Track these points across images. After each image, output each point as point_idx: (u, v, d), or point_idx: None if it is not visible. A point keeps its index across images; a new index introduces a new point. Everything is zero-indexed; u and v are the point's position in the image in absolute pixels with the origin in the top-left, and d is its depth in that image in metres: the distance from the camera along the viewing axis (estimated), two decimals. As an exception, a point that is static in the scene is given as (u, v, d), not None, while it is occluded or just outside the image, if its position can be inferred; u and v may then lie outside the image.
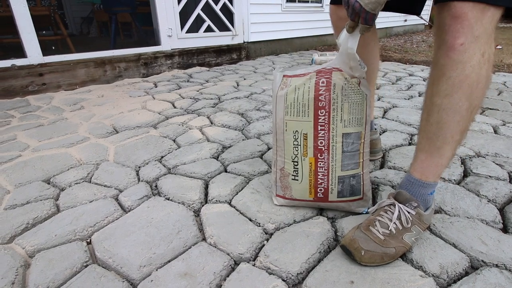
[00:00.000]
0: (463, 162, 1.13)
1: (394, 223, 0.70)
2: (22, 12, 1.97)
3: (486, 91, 0.65)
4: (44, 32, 2.56)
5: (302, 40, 4.01)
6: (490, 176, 1.03)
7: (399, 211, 0.71)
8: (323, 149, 0.78)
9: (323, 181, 0.80)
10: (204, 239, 0.78)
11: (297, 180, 0.82)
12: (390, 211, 0.72)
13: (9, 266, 0.69)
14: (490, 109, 1.73)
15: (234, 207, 0.90)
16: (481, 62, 0.61)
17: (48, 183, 1.06)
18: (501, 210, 0.88)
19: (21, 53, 2.05)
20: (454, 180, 1.02)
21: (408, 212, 0.71)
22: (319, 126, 0.76)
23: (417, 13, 0.89)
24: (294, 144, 0.79)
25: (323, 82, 0.74)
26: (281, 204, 0.88)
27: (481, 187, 0.97)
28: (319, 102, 0.75)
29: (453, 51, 0.61)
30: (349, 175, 0.79)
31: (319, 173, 0.79)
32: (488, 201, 0.91)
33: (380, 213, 0.73)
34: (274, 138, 0.84)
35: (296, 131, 0.78)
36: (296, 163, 0.81)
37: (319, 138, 0.77)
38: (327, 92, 0.74)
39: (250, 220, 0.84)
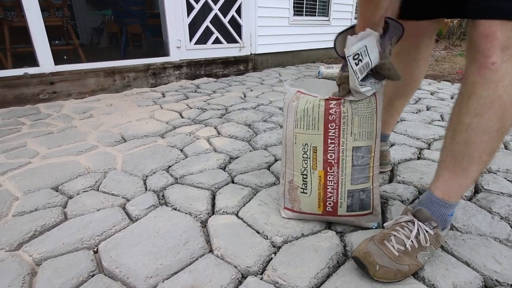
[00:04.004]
0: (473, 177, 1.12)
1: (411, 240, 0.68)
2: (37, 23, 2.03)
3: None
4: (57, 42, 2.62)
5: (309, 53, 4.05)
6: (502, 193, 1.01)
7: (418, 229, 0.69)
8: (333, 163, 0.77)
9: (332, 194, 0.79)
10: (211, 250, 0.77)
11: (306, 193, 0.81)
12: (408, 227, 0.70)
13: (16, 274, 0.69)
14: (499, 124, 1.71)
15: (242, 219, 0.89)
16: None
17: (57, 191, 1.06)
18: (515, 228, 0.86)
19: (34, 62, 2.10)
20: (465, 196, 1.00)
21: (427, 231, 0.69)
22: (329, 139, 0.76)
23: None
24: (303, 157, 0.79)
25: (332, 100, 0.75)
26: (289, 217, 0.87)
27: (493, 204, 0.95)
28: (330, 116, 0.75)
29: (485, 70, 0.60)
30: (359, 189, 0.79)
31: (328, 187, 0.79)
32: (501, 219, 0.89)
33: (397, 228, 0.71)
34: (283, 150, 0.84)
35: (306, 144, 0.78)
36: (305, 176, 0.80)
37: (329, 151, 0.77)
38: (337, 106, 0.74)
39: (258, 232, 0.83)
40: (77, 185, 1.08)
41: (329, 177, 0.78)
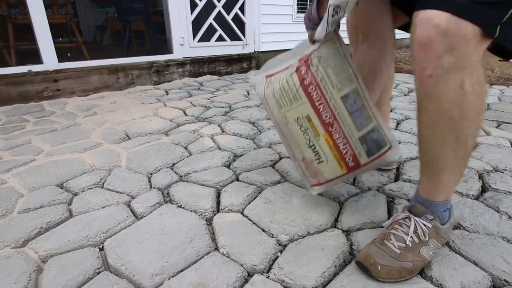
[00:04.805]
0: (480, 176, 1.11)
1: (411, 236, 0.68)
2: (41, 20, 2.03)
3: (478, 118, 0.59)
4: (60, 39, 2.63)
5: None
6: (509, 192, 1.00)
7: (415, 224, 0.69)
8: (331, 121, 0.76)
9: (347, 149, 0.78)
10: (216, 248, 0.77)
11: (323, 161, 0.80)
12: (405, 224, 0.70)
13: (22, 271, 0.69)
14: (506, 123, 1.69)
15: (247, 217, 0.89)
16: (461, 95, 0.54)
17: (62, 188, 1.06)
18: (523, 228, 0.85)
19: (37, 59, 2.10)
20: (472, 195, 0.99)
21: (424, 225, 0.69)
22: (316, 102, 0.74)
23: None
24: (302, 131, 0.78)
25: (302, 65, 0.73)
26: (320, 192, 0.86)
27: (500, 203, 0.94)
28: (304, 80, 0.73)
29: (423, 84, 0.55)
30: (368, 131, 0.78)
31: (339, 145, 0.78)
32: (509, 218, 0.88)
33: (395, 226, 0.71)
34: (281, 137, 0.83)
35: (298, 117, 0.76)
36: (313, 147, 0.79)
37: (321, 113, 0.75)
38: (307, 69, 0.73)
39: (263, 230, 0.83)
40: (82, 182, 1.08)
41: (335, 136, 0.77)
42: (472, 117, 0.57)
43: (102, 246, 0.78)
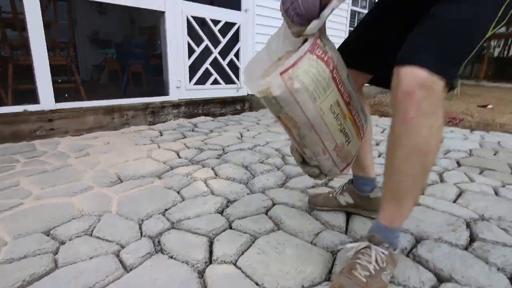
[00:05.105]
0: (468, 225, 1.13)
1: (373, 265, 0.76)
2: (42, 63, 2.10)
3: (435, 157, 0.74)
4: (59, 80, 2.70)
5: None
6: (497, 242, 1.02)
7: (375, 253, 0.78)
8: (349, 100, 0.79)
9: (360, 121, 0.85)
10: (208, 305, 0.75)
11: (351, 140, 0.83)
12: (367, 253, 0.79)
13: (0, 332, 0.65)
14: (488, 169, 1.77)
15: (240, 268, 0.87)
16: (430, 135, 0.69)
17: (48, 235, 1.03)
18: (511, 280, 0.86)
19: (34, 99, 2.13)
20: (462, 245, 1.00)
21: (383, 253, 0.78)
22: (338, 85, 0.75)
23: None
24: (336, 118, 0.76)
25: (319, 51, 0.71)
26: (350, 172, 0.91)
27: (489, 254, 0.96)
28: (329, 66, 0.72)
29: (405, 124, 0.69)
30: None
31: (356, 120, 0.83)
32: (498, 270, 0.89)
33: (358, 256, 0.79)
34: (310, 139, 0.77)
35: (331, 105, 0.74)
36: (344, 130, 0.80)
37: (343, 94, 0.77)
38: (326, 55, 0.72)
39: (257, 284, 0.81)
40: (70, 229, 1.05)
41: (353, 112, 0.81)
42: (434, 154, 0.72)
43: (88, 302, 0.75)
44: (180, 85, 2.82)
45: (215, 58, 3.08)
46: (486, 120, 3.40)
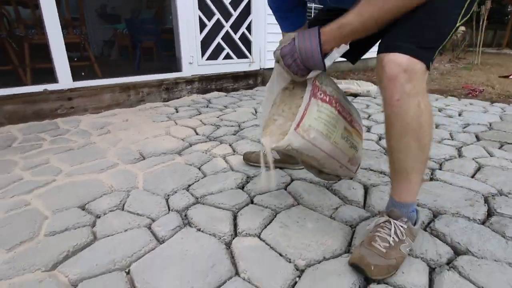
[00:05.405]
0: (486, 200, 1.15)
1: (392, 237, 0.81)
2: (57, 40, 2.11)
3: (431, 130, 0.78)
4: (75, 59, 2.71)
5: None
6: (514, 216, 1.04)
7: (394, 226, 0.82)
8: (350, 117, 0.92)
9: (358, 125, 0.97)
10: (237, 273, 0.81)
11: (358, 148, 0.95)
12: (386, 227, 0.83)
13: (56, 295, 0.73)
14: (509, 143, 1.74)
15: (264, 241, 0.93)
16: (418, 113, 0.74)
17: (84, 210, 1.11)
18: (529, 253, 0.89)
19: (53, 78, 2.17)
20: (479, 219, 1.03)
21: (401, 226, 0.83)
22: (342, 113, 0.88)
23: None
24: (346, 141, 0.89)
25: (320, 94, 0.84)
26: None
27: (506, 228, 0.98)
28: (332, 104, 0.85)
29: (392, 106, 0.74)
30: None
31: (357, 128, 0.95)
32: (515, 243, 0.92)
33: (378, 229, 0.84)
34: (329, 163, 0.91)
35: (341, 134, 0.87)
36: (353, 144, 0.92)
37: (346, 117, 0.90)
38: (327, 95, 0.85)
39: (281, 255, 0.87)
40: (103, 204, 1.13)
41: (355, 125, 0.93)
42: (427, 128, 0.77)
43: (129, 270, 0.82)
44: (192, 60, 2.80)
45: (227, 32, 3.01)
46: (508, 91, 3.28)
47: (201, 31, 2.80)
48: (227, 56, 3.07)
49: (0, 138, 1.82)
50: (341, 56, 1.02)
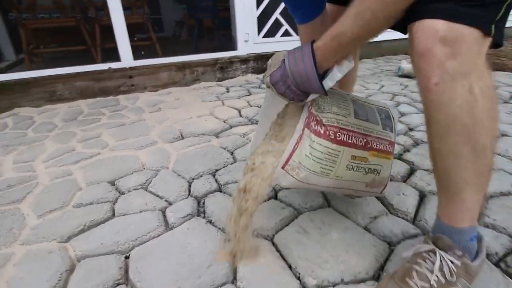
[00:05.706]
0: None
1: (436, 275, 0.58)
2: (119, 21, 2.23)
3: (493, 126, 0.54)
4: (135, 38, 2.87)
5: (391, 44, 3.58)
6: None
7: (441, 260, 0.59)
8: (366, 140, 0.73)
9: (384, 144, 0.80)
10: (233, 280, 0.71)
11: (381, 170, 0.78)
12: (429, 259, 0.60)
13: (56, 269, 0.75)
14: None
15: (276, 245, 0.80)
16: (472, 100, 0.51)
17: (113, 185, 1.14)
18: None
19: (116, 57, 2.32)
20: None
21: (452, 262, 0.59)
22: (348, 141, 0.70)
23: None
24: (356, 170, 0.72)
25: (315, 125, 0.67)
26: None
27: None
28: (331, 134, 0.68)
29: (430, 93, 0.52)
30: (379, 117, 0.83)
31: (379, 147, 0.78)
32: None
33: (418, 261, 0.61)
34: (340, 191, 0.83)
35: (347, 165, 0.71)
36: (370, 169, 0.75)
37: (356, 144, 0.71)
38: (323, 126, 0.67)
39: (290, 267, 0.73)
40: (130, 182, 1.14)
41: (374, 145, 0.75)
42: (486, 124, 0.53)
43: (128, 255, 0.79)
44: (248, 38, 2.69)
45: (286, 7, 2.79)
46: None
47: (258, 6, 2.64)
48: (286, 33, 2.86)
49: (70, 111, 2.04)
50: (393, 29, 0.79)
